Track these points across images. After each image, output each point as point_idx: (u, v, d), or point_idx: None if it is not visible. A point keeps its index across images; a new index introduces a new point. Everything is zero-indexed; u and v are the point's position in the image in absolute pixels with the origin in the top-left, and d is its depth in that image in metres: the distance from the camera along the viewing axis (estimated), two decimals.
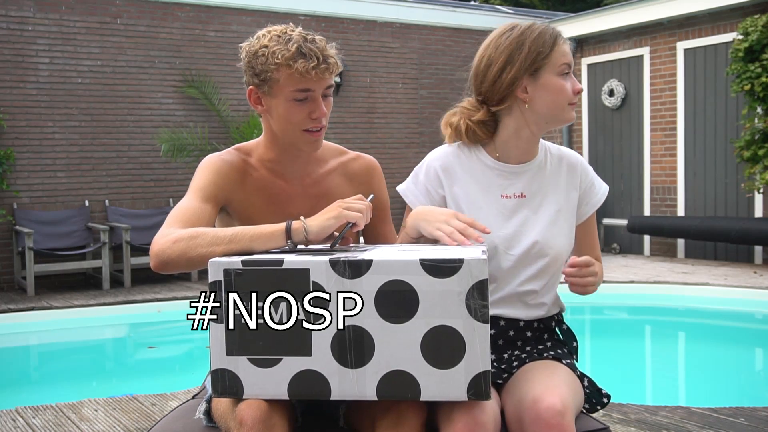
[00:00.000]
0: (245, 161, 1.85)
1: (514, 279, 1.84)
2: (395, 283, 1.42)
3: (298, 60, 1.69)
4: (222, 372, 1.47)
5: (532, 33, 1.81)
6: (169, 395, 3.95)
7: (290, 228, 1.55)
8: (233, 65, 9.00)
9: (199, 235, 1.57)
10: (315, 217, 1.58)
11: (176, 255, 1.57)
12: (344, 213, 1.56)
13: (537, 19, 11.40)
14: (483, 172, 1.89)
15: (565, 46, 1.82)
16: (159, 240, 1.60)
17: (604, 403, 1.88)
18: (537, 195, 1.88)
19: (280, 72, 1.71)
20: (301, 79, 1.71)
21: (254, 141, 1.90)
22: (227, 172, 1.80)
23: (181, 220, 1.67)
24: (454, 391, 1.43)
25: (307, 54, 1.69)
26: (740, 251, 8.60)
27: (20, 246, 7.53)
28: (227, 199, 1.80)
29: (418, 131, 10.33)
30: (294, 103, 1.73)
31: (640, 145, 9.62)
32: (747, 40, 7.52)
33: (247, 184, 1.83)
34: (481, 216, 1.84)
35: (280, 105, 1.75)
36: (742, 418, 3.40)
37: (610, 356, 5.83)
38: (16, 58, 7.87)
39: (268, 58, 1.71)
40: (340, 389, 1.45)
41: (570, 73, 1.84)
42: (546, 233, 1.85)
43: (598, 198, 1.96)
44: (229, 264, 1.45)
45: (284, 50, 1.70)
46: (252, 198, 1.82)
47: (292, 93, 1.72)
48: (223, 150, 1.89)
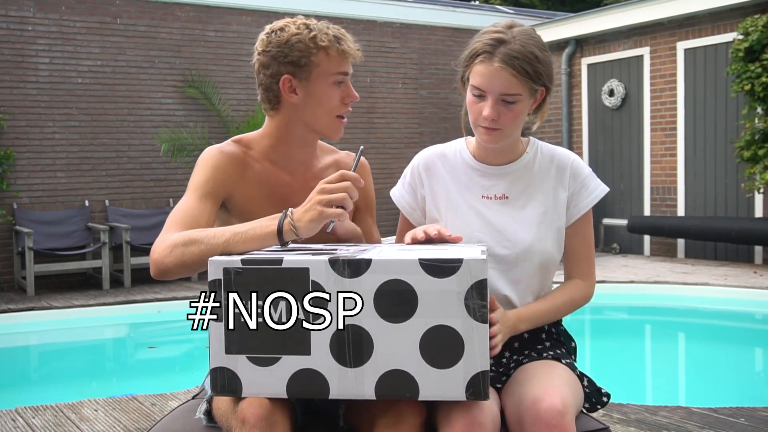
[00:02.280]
0: (246, 153, 1.85)
1: (497, 281, 1.82)
2: (394, 283, 1.42)
3: (341, 43, 1.77)
4: (221, 370, 1.47)
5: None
6: (169, 395, 3.95)
7: (281, 231, 1.55)
8: (233, 65, 9.04)
9: (194, 241, 1.57)
10: (301, 216, 1.55)
11: (173, 264, 1.59)
12: (326, 213, 1.54)
13: (537, 19, 11.40)
14: (466, 172, 1.88)
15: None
16: (156, 248, 1.62)
17: (604, 402, 1.87)
18: (521, 196, 1.85)
19: (320, 56, 1.76)
20: (342, 62, 1.78)
21: (254, 133, 1.90)
22: (227, 166, 1.80)
23: (179, 222, 1.67)
24: (452, 391, 1.43)
25: (341, 38, 1.78)
26: (740, 251, 8.60)
27: (20, 246, 7.53)
28: (227, 192, 1.80)
29: (418, 131, 10.33)
30: (333, 86, 1.79)
31: (640, 145, 9.62)
32: (747, 40, 7.52)
33: (247, 176, 1.82)
34: (458, 216, 1.84)
35: (318, 89, 1.78)
36: (742, 418, 3.40)
37: (610, 356, 5.83)
38: (16, 58, 7.87)
39: (307, 44, 1.75)
40: (339, 388, 1.45)
41: (484, 97, 1.74)
42: (528, 235, 1.81)
43: (588, 201, 1.86)
44: (228, 263, 1.45)
45: (323, 35, 1.76)
46: (253, 190, 1.82)
47: (333, 76, 1.78)
48: (222, 143, 1.88)
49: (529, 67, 1.70)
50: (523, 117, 1.78)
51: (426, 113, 10.33)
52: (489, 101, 1.72)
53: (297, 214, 1.56)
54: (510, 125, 1.76)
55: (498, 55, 1.70)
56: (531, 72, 1.71)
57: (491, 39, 1.72)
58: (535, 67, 1.72)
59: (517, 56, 1.69)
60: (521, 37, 1.72)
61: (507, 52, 1.70)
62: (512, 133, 1.80)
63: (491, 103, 1.72)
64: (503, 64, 1.69)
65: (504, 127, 1.75)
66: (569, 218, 1.87)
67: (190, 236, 1.59)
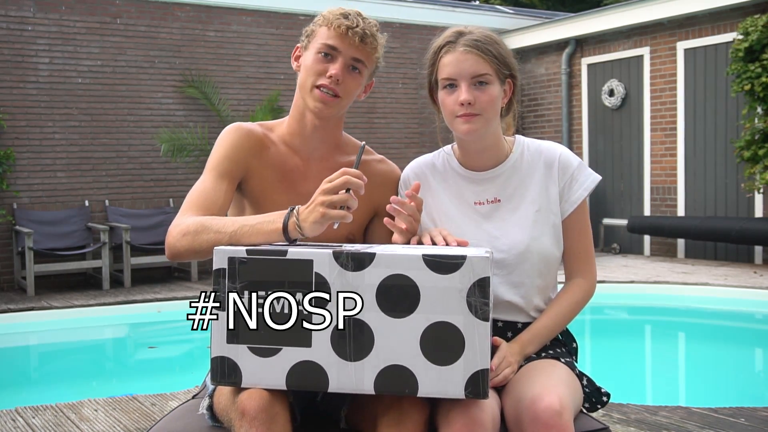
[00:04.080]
0: (266, 135, 1.89)
1: (499, 287, 1.81)
2: (397, 278, 1.42)
3: (338, 18, 1.81)
4: (221, 359, 1.47)
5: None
6: (169, 395, 3.95)
7: (287, 229, 1.56)
8: (233, 65, 9.04)
9: (204, 229, 1.62)
10: (306, 216, 1.55)
11: (184, 249, 1.66)
12: (329, 215, 1.53)
13: (537, 19, 11.40)
14: (456, 180, 1.89)
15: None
16: (172, 231, 1.68)
17: (604, 402, 1.87)
18: (513, 197, 1.85)
19: (319, 28, 1.84)
20: (332, 35, 1.81)
21: (279, 120, 1.96)
22: (245, 143, 1.84)
23: (195, 204, 1.73)
24: (451, 389, 1.43)
25: (348, 16, 1.81)
26: (740, 251, 8.60)
27: (20, 246, 7.53)
28: (244, 171, 1.84)
29: (418, 131, 10.33)
30: (319, 57, 1.82)
31: (640, 145, 9.62)
32: (747, 40, 7.52)
33: (264, 156, 1.86)
34: (454, 225, 1.83)
35: (307, 56, 1.84)
36: (742, 418, 3.40)
37: (610, 356, 5.83)
38: (16, 58, 7.87)
39: (318, 18, 1.86)
40: (338, 381, 1.45)
41: (455, 86, 1.77)
42: (525, 235, 1.81)
43: (579, 193, 1.84)
44: (234, 252, 1.46)
45: (332, 12, 1.84)
46: (267, 171, 1.85)
47: (321, 46, 1.82)
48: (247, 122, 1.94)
49: (493, 48, 1.77)
50: (498, 102, 1.79)
51: (426, 113, 10.33)
52: (462, 87, 1.76)
53: (302, 213, 1.56)
54: (488, 109, 1.76)
55: (460, 42, 1.78)
56: (495, 53, 1.77)
57: (451, 33, 1.81)
58: (498, 50, 1.78)
59: (479, 39, 1.77)
60: (479, 30, 1.81)
61: (468, 38, 1.78)
62: (491, 119, 1.79)
63: (465, 87, 1.75)
64: (467, 47, 1.76)
65: (482, 112, 1.76)
66: (563, 212, 1.86)
67: (203, 223, 1.64)
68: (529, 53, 10.74)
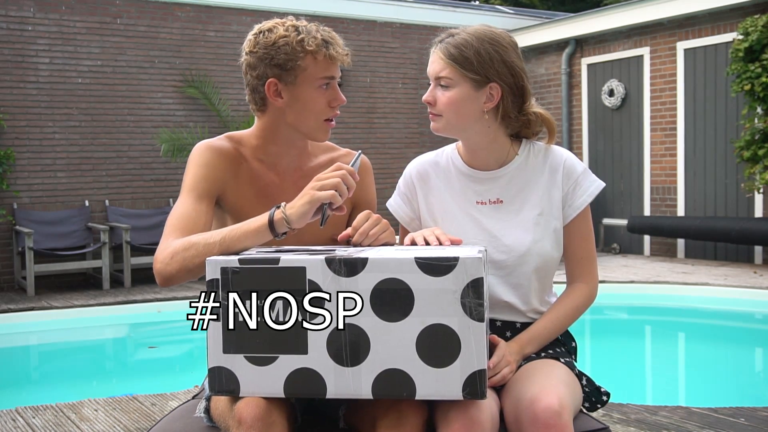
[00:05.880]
0: (238, 150, 1.84)
1: (497, 287, 1.81)
2: (390, 282, 1.42)
3: (328, 47, 1.74)
4: (219, 370, 1.47)
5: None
6: (169, 395, 3.95)
7: (273, 221, 1.56)
8: (233, 65, 9.03)
9: (192, 245, 1.59)
10: (294, 202, 1.57)
11: (176, 270, 1.60)
12: (317, 196, 1.54)
13: (537, 19, 11.40)
14: (458, 178, 1.88)
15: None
16: (158, 257, 1.63)
17: (603, 401, 1.86)
18: (516, 199, 1.84)
19: (307, 60, 1.74)
20: (329, 66, 1.76)
21: (245, 132, 1.89)
22: (219, 163, 1.79)
23: (177, 228, 1.67)
24: (449, 390, 1.43)
25: (329, 42, 1.75)
26: (740, 251, 8.60)
27: (20, 246, 7.53)
28: (221, 189, 1.79)
29: (418, 131, 10.33)
30: (319, 90, 1.76)
31: (640, 145, 9.62)
32: (747, 40, 7.52)
33: (240, 174, 1.82)
34: (455, 224, 1.83)
35: (304, 93, 1.76)
36: (742, 418, 3.40)
37: (610, 356, 5.83)
38: (16, 58, 7.88)
39: (294, 47, 1.73)
40: (336, 387, 1.45)
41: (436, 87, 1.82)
42: (525, 239, 1.80)
43: (582, 200, 1.84)
44: (226, 262, 1.46)
45: (311, 38, 1.73)
46: (244, 189, 1.82)
47: (319, 80, 1.75)
48: (214, 138, 1.87)
49: (456, 50, 1.75)
50: (462, 105, 1.77)
51: (426, 113, 10.28)
52: (430, 87, 1.81)
53: (290, 203, 1.57)
54: (446, 111, 1.78)
55: (436, 43, 1.80)
56: (457, 56, 1.74)
57: (443, 34, 1.81)
58: (464, 53, 1.74)
59: (450, 42, 1.77)
60: (468, 31, 1.78)
61: (446, 40, 1.78)
62: (453, 121, 1.79)
63: (430, 88, 1.81)
64: (435, 49, 1.79)
65: (442, 113, 1.79)
66: (565, 218, 1.85)
67: (189, 240, 1.60)
68: (529, 53, 10.74)
